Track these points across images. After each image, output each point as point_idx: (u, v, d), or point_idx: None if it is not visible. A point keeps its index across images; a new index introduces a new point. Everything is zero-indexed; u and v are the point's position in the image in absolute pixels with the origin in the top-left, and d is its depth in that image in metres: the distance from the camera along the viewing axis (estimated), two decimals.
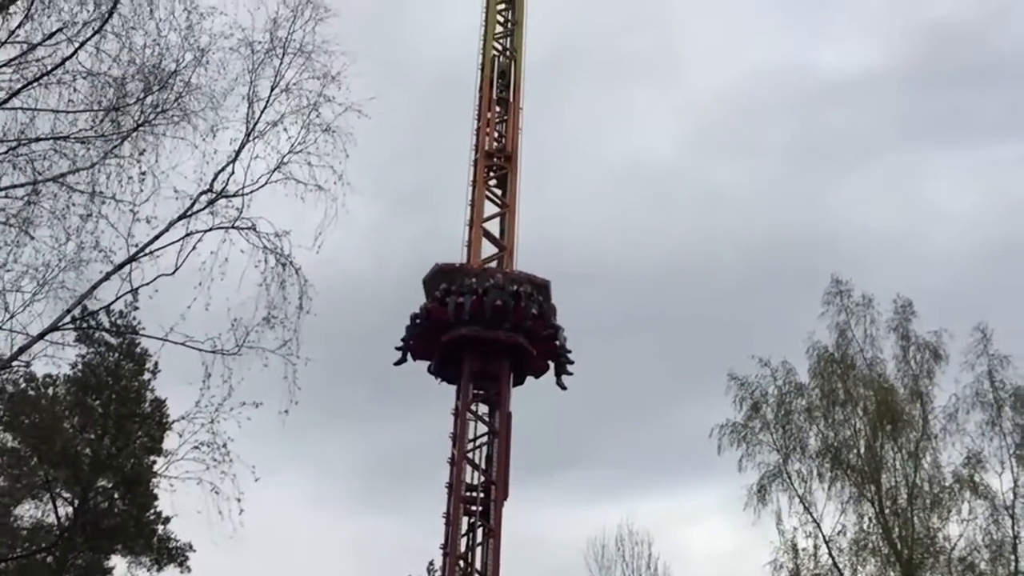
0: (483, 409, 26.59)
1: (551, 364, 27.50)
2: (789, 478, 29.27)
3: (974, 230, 72.05)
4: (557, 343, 27.15)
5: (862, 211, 74.35)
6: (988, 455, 28.54)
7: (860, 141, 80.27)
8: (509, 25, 32.40)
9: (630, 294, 67.25)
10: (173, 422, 27.04)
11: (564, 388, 27.54)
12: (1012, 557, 27.28)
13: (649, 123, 78.98)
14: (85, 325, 17.93)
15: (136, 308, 27.93)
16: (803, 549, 28.67)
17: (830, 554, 28.38)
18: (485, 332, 26.06)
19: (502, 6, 32.65)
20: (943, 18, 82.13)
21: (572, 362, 27.49)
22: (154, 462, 28.84)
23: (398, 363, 27.21)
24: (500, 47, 31.93)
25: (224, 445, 14.77)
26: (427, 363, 27.47)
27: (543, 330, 26.75)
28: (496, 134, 30.74)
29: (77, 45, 15.01)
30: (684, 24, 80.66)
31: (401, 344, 27.31)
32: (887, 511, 28.32)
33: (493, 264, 28.45)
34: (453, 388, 26.62)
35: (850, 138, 79.81)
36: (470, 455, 25.65)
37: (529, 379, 27.72)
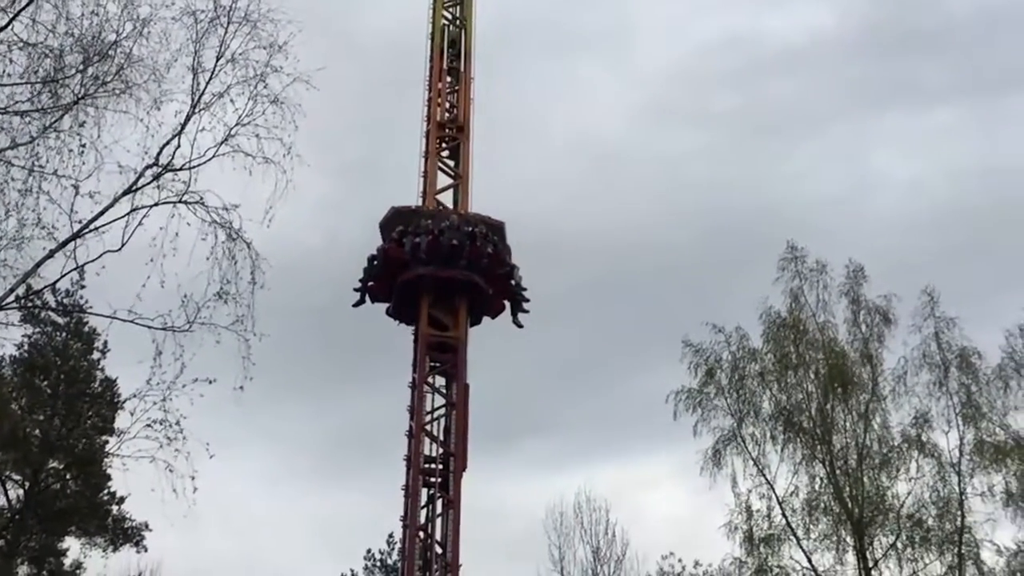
0: (440, 381, 26.53)
1: (507, 304, 27.74)
2: (743, 441, 29.76)
3: (920, 196, 73.32)
4: (512, 282, 27.42)
5: (811, 180, 75.30)
6: (935, 415, 29.23)
7: (808, 110, 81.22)
8: None
9: (584, 265, 67.48)
10: (124, 401, 26.69)
11: (520, 326, 27.73)
12: (958, 513, 28.04)
13: (600, 96, 79.05)
14: (30, 304, 17.51)
15: (83, 287, 27.54)
16: (757, 511, 29.24)
17: (783, 514, 28.95)
18: (441, 271, 26.16)
19: None
20: None
21: (528, 299, 27.68)
22: (106, 442, 28.50)
23: (356, 304, 27.28)
24: (450, 16, 31.52)
25: (177, 423, 14.58)
26: (385, 306, 27.45)
27: (498, 269, 27.00)
28: (448, 104, 30.38)
29: (11, 16, 14.56)
30: None
31: (359, 286, 27.38)
32: (838, 471, 28.91)
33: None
34: (409, 361, 26.52)
35: (799, 107, 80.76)
36: (428, 427, 25.61)
37: (488, 331, 27.66)
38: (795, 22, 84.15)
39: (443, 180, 29.19)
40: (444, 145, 29.41)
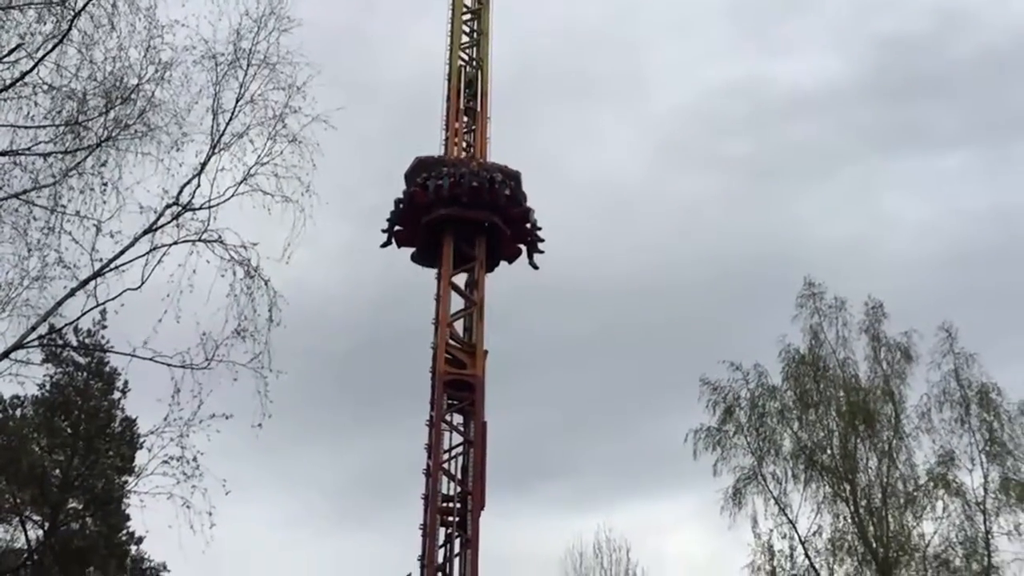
0: (458, 419, 26.48)
1: (523, 249, 29.42)
2: (764, 480, 29.46)
3: (931, 238, 73.32)
4: (528, 225, 28.95)
5: (824, 223, 75.53)
6: (959, 452, 28.88)
7: (819, 154, 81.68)
8: (475, 35, 32.41)
9: (602, 307, 67.53)
10: (143, 440, 26.71)
11: (536, 268, 29.49)
12: (985, 553, 27.55)
13: (615, 140, 79.81)
14: (51, 343, 17.65)
15: (104, 326, 27.69)
16: (779, 551, 28.86)
17: (806, 555, 28.57)
18: (463, 211, 27.76)
19: (468, 16, 32.66)
20: (898, 30, 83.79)
21: (542, 240, 29.43)
22: (125, 481, 28.45)
23: (384, 245, 28.98)
24: (467, 57, 31.94)
25: (194, 459, 14.58)
26: (410, 251, 29.17)
27: (515, 209, 28.51)
28: (464, 144, 30.71)
29: (36, 60, 14.84)
30: (647, 43, 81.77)
31: (386, 228, 28.95)
32: (862, 510, 28.53)
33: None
34: (427, 400, 26.48)
35: (809, 151, 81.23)
36: (446, 465, 25.52)
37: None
38: (804, 67, 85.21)
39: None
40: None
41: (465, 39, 32.20)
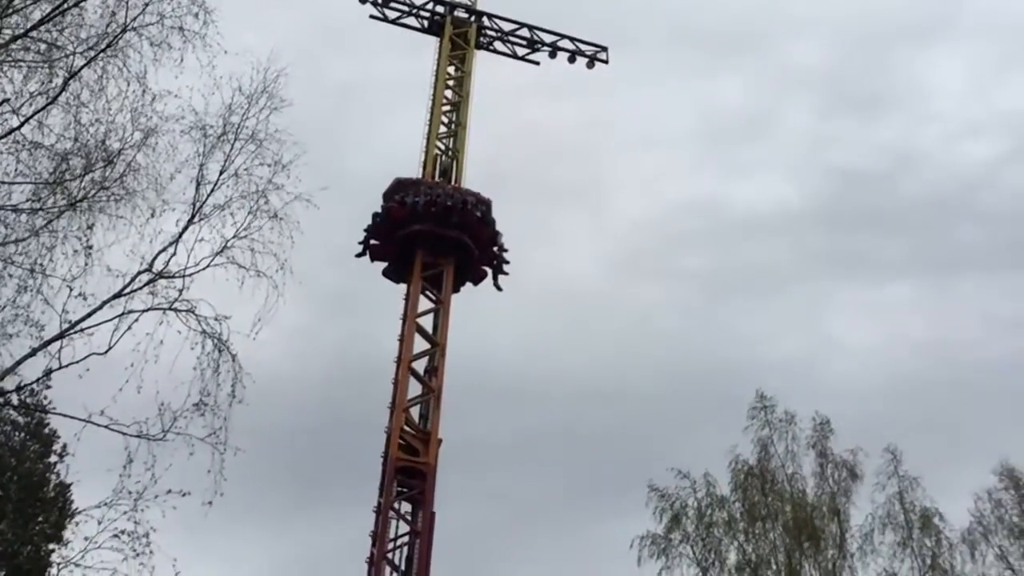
0: (406, 508, 26.01)
1: (488, 272, 30.77)
2: None
3: (875, 364, 75.47)
4: (495, 248, 30.65)
5: (773, 340, 77.45)
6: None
7: (773, 274, 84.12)
8: (453, 126, 33.07)
9: (552, 409, 67.79)
10: (77, 510, 25.71)
11: (500, 289, 30.86)
12: None
13: (575, 246, 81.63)
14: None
15: (48, 386, 26.93)
16: None
17: None
18: (435, 228, 29.43)
19: (447, 107, 33.38)
20: (852, 164, 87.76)
21: (508, 262, 30.88)
22: (52, 551, 27.25)
23: (359, 255, 30.43)
24: (443, 147, 32.51)
25: (146, 535, 14.07)
26: (383, 266, 30.48)
27: (485, 232, 30.23)
28: None
29: (24, 118, 14.84)
30: (610, 156, 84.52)
31: (363, 240, 30.43)
32: None
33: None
34: (376, 485, 26.06)
35: (764, 270, 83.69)
36: (390, 555, 24.95)
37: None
38: (759, 191, 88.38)
39: (424, 304, 29.46)
40: (428, 272, 29.82)
41: (443, 129, 32.81)
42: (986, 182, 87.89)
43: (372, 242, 30.45)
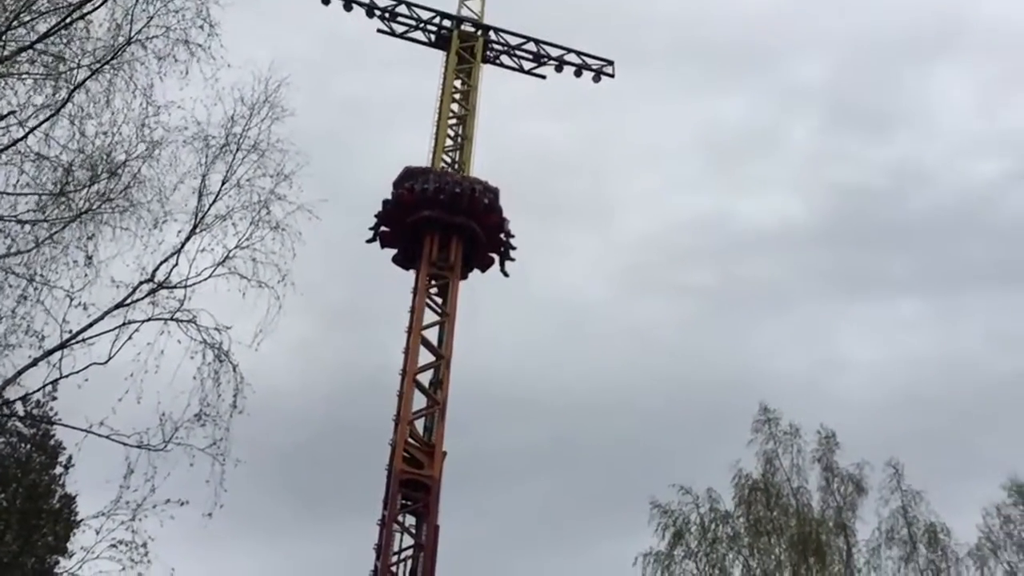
0: (410, 521, 25.92)
1: (495, 258, 31.36)
2: None
3: (881, 380, 75.12)
4: (502, 234, 31.16)
5: (778, 356, 77.19)
6: None
7: (778, 289, 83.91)
8: (459, 139, 33.21)
9: (554, 423, 67.73)
10: (81, 521, 25.72)
11: (507, 275, 31.53)
12: None
13: (579, 260, 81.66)
14: (3, 414, 17.18)
15: (55, 397, 26.99)
16: None
17: None
18: (444, 214, 29.93)
19: (453, 120, 33.53)
20: (858, 181, 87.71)
21: (514, 247, 31.41)
22: (57, 562, 27.24)
23: (369, 241, 31.00)
24: (449, 160, 32.64)
25: (144, 544, 14.07)
26: (393, 252, 31.02)
27: (493, 218, 30.70)
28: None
29: (28, 129, 14.91)
30: (615, 171, 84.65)
31: (373, 226, 30.94)
32: None
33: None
34: (380, 498, 26.00)
35: (769, 286, 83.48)
36: (394, 568, 24.86)
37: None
38: (764, 207, 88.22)
39: (430, 316, 29.47)
40: (434, 283, 29.87)
41: (449, 142, 32.95)
42: (993, 199, 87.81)
43: (383, 229, 31.00)
